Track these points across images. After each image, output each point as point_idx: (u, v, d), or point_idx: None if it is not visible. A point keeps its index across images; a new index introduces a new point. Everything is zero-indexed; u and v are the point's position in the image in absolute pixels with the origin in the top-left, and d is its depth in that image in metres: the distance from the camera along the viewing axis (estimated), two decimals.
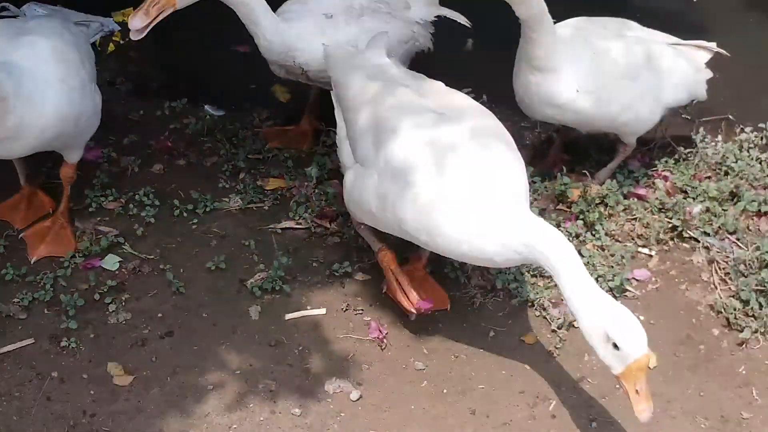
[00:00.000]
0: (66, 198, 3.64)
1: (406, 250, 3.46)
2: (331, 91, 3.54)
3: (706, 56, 3.96)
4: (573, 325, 3.40)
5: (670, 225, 3.77)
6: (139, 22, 3.23)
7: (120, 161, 4.05)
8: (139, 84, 4.61)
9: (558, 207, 3.87)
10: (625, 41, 3.69)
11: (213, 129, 4.31)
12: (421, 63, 4.22)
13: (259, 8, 3.61)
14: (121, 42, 4.86)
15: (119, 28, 4.87)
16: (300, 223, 3.82)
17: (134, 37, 3.26)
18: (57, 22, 3.52)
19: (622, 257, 3.62)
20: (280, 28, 3.70)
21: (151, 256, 3.63)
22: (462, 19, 4.25)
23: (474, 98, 3.88)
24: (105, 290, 3.44)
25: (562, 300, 3.26)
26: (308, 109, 4.37)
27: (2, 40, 3.22)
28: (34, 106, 3.10)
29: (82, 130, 3.42)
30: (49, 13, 4.70)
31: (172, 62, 4.81)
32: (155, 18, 3.27)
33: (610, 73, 3.58)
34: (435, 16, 4.18)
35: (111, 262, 3.56)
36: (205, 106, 4.48)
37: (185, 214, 3.82)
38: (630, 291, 3.58)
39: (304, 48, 3.72)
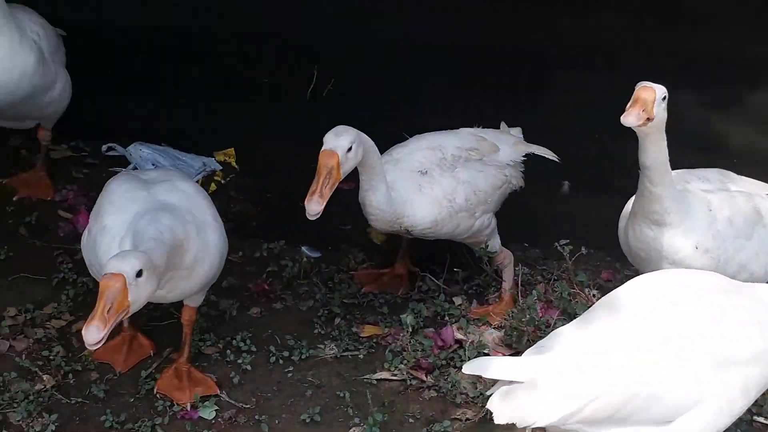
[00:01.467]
0: (188, 344, 3.65)
1: None
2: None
3: None
4: None
5: None
6: None
7: (219, 304, 4.09)
8: (239, 224, 4.69)
9: None
10: (734, 197, 3.60)
11: (309, 272, 4.34)
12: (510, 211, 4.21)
13: (382, 174, 3.63)
14: (222, 182, 5.00)
15: (221, 168, 5.06)
16: (395, 375, 3.78)
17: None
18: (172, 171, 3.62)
19: None
20: (391, 197, 3.68)
21: (248, 406, 3.62)
22: (550, 155, 4.27)
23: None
24: None
25: None
26: (402, 253, 4.38)
27: (148, 190, 3.33)
28: (203, 245, 3.21)
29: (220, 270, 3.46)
30: (154, 157, 4.93)
31: (272, 203, 4.91)
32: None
33: (726, 232, 3.49)
34: (524, 155, 4.19)
35: (208, 411, 3.56)
36: (303, 248, 4.53)
37: (281, 362, 3.82)
38: None
39: (412, 213, 3.72)
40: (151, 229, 3.01)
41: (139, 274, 2.72)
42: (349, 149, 3.38)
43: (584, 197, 4.88)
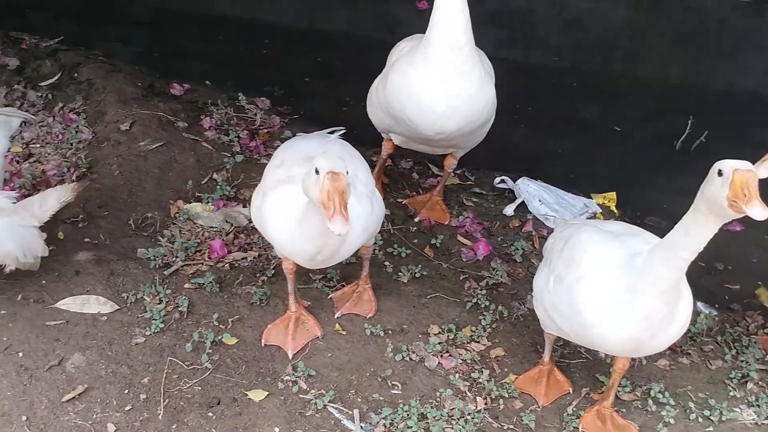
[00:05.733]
0: (614, 389, 3.67)
1: None
2: None
3: None
4: None
5: None
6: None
7: None
8: None
9: None
10: None
11: (711, 329, 4.26)
12: None
13: None
14: None
15: (600, 211, 5.08)
16: None
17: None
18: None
19: None
20: None
21: None
22: None
23: None
24: None
25: None
26: None
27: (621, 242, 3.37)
28: None
29: None
30: (540, 193, 5.02)
31: None
32: None
33: None
34: None
35: None
36: (698, 303, 4.46)
37: (700, 420, 3.76)
38: None
39: None
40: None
41: None
42: None
43: None
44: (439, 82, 3.93)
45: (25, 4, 6.66)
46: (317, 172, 2.97)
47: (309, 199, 3.07)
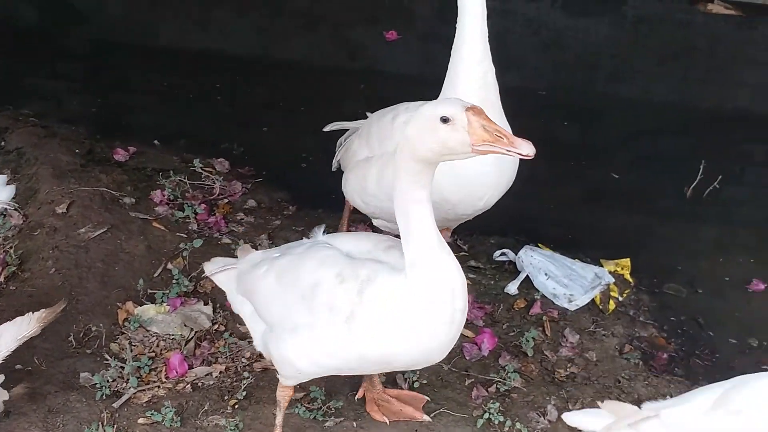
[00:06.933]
0: None
1: None
2: None
3: None
4: None
5: None
6: None
7: None
8: (647, 354, 4.08)
9: None
10: None
11: None
12: None
13: None
14: (620, 299, 4.41)
15: (613, 281, 4.47)
16: None
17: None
18: None
19: None
20: None
21: None
22: None
23: None
24: None
25: None
26: None
27: None
28: None
29: None
30: (545, 265, 4.40)
31: (680, 328, 4.29)
32: None
33: None
34: None
35: None
36: None
37: None
38: None
39: None
40: None
41: None
42: None
43: None
44: None
45: None
46: (445, 120, 2.39)
47: (446, 155, 2.48)
